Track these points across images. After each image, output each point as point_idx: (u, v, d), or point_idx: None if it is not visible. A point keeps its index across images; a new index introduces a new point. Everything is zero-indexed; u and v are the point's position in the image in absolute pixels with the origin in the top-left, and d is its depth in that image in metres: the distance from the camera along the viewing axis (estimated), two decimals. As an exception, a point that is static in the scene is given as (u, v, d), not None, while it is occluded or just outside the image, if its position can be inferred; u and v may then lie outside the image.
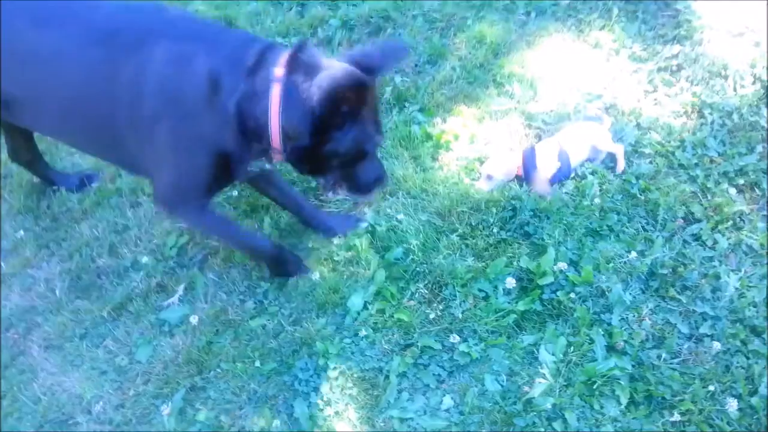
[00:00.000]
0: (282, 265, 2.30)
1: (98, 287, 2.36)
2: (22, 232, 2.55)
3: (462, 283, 2.19)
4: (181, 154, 1.94)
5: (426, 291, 2.21)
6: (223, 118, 1.82)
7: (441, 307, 2.17)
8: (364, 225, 2.42)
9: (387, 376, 2.02)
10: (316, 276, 2.29)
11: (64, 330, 2.24)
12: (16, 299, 2.36)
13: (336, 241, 2.40)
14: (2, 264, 2.47)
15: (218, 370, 2.08)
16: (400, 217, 2.43)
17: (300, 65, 1.78)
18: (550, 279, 2.15)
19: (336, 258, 2.35)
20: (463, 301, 2.17)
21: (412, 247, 2.31)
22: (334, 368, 2.05)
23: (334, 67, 1.79)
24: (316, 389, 2.02)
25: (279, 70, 1.77)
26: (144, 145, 1.98)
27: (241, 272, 2.35)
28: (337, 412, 1.96)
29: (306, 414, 1.95)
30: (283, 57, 1.79)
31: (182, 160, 1.96)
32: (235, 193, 2.60)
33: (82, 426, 2.00)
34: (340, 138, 1.83)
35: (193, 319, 2.21)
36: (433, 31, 3.22)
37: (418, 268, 2.27)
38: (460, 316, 2.14)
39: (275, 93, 1.77)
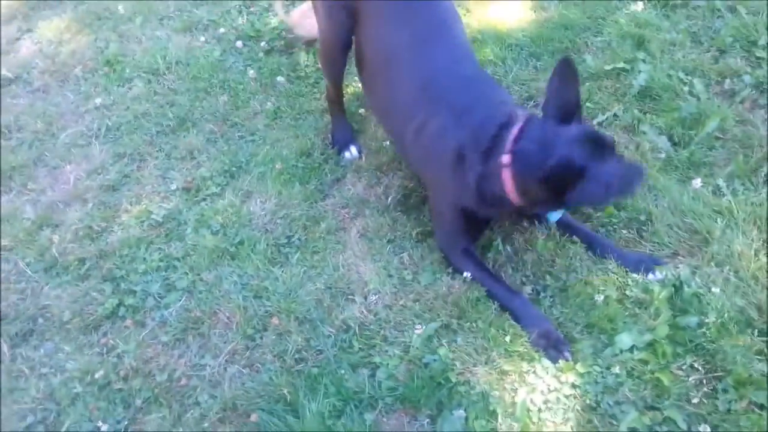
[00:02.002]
0: (540, 333, 2.20)
1: (418, 210, 2.70)
2: (387, 142, 3.01)
3: (741, 381, 1.98)
4: (439, 204, 2.50)
5: (701, 370, 2.05)
6: (467, 187, 2.27)
7: (706, 392, 2.00)
8: (658, 277, 2.32)
9: (615, 419, 1.96)
10: (600, 298, 2.28)
11: (380, 229, 2.63)
12: (359, 189, 2.83)
13: (636, 276, 2.34)
14: (363, 158, 2.98)
15: (474, 324, 2.25)
16: (715, 290, 2.25)
17: (526, 143, 2.13)
18: None
19: (627, 293, 2.30)
20: (735, 401, 1.95)
21: (708, 322, 2.14)
22: (572, 384, 2.06)
23: (555, 141, 2.08)
24: (546, 391, 2.06)
25: (506, 159, 2.14)
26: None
27: (535, 259, 2.46)
28: (558, 418, 1.99)
29: (524, 406, 2.02)
30: (511, 138, 2.15)
31: (441, 209, 2.49)
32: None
33: (356, 305, 2.36)
34: (578, 193, 2.06)
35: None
36: None
37: (705, 345, 2.10)
38: (726, 414, 1.94)
39: (506, 177, 2.15)
